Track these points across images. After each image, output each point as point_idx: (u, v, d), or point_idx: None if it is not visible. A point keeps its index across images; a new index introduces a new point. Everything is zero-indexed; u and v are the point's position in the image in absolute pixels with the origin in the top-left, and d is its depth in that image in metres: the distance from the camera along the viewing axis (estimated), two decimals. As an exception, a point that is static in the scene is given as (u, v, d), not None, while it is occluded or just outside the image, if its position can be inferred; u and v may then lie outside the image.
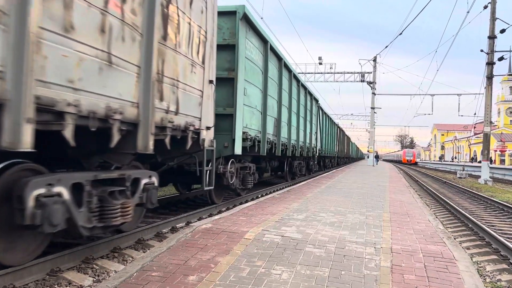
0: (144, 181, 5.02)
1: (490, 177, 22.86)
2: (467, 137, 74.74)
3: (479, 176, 24.29)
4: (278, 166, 14.32)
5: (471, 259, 5.45)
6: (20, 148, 2.93)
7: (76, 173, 4.04)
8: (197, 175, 6.64)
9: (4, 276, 3.60)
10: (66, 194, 3.76)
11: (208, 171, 6.64)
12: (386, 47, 41.78)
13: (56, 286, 3.86)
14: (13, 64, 2.88)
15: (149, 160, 5.98)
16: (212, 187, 7.04)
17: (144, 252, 5.08)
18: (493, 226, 8.52)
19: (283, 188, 13.47)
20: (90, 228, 4.10)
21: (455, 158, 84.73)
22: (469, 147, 74.64)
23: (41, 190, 3.51)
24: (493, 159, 55.00)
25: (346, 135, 44.47)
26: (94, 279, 4.10)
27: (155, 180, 5.27)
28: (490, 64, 22.14)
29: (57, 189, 3.66)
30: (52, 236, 4.02)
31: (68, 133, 3.36)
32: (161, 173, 6.14)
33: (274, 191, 12.27)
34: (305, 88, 16.23)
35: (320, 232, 5.32)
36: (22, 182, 3.45)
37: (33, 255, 3.95)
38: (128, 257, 4.90)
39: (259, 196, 11.23)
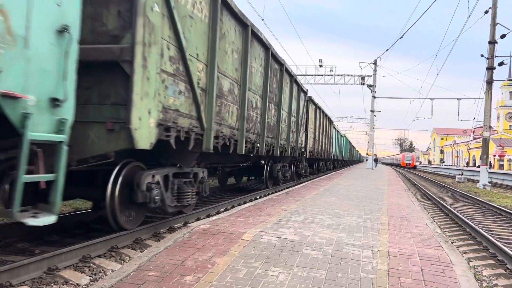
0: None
1: (488, 182, 22.87)
2: (466, 142, 74.85)
3: (477, 181, 24.30)
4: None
5: (468, 264, 5.46)
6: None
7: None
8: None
9: (1, 274, 3.60)
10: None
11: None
12: (387, 50, 42.02)
13: (52, 284, 3.86)
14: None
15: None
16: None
17: (141, 252, 5.08)
18: (490, 230, 8.52)
19: (284, 189, 13.52)
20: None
21: (443, 162, 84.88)
22: (468, 152, 74.73)
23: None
24: (492, 164, 55.10)
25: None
26: (91, 278, 4.09)
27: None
28: (490, 69, 22.17)
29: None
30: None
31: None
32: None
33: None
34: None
35: (317, 234, 5.33)
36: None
37: None
38: (125, 256, 4.90)
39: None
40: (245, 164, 11.96)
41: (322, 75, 35.41)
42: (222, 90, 6.97)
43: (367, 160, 39.96)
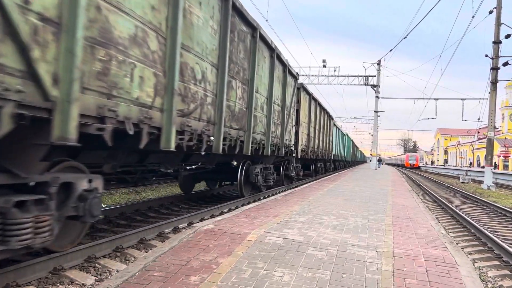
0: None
1: (493, 183, 22.77)
2: (471, 142, 74.51)
3: (482, 181, 24.20)
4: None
5: (473, 265, 5.44)
6: None
7: None
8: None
9: (7, 273, 3.63)
10: None
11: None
12: (391, 50, 41.94)
13: (58, 284, 3.88)
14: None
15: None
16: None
17: (146, 252, 5.10)
18: (495, 231, 8.49)
19: (285, 190, 13.50)
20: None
21: (446, 162, 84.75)
22: (473, 152, 74.40)
23: None
24: (497, 164, 54.86)
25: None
26: (96, 278, 4.12)
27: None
28: (495, 69, 22.09)
29: None
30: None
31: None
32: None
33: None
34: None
35: (322, 235, 5.33)
36: None
37: None
38: (130, 256, 4.92)
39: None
40: (193, 166, 9.67)
41: (325, 76, 35.38)
42: (112, 33, 3.82)
43: (370, 160, 39.86)
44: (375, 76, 34.89)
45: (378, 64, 34.50)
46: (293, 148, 13.14)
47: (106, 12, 3.74)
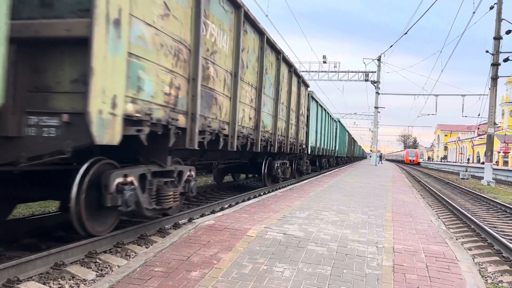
0: None
1: (493, 179, 22.79)
2: (471, 138, 74.52)
3: (482, 177, 24.22)
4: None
5: (473, 260, 5.45)
6: None
7: None
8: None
9: (9, 269, 3.64)
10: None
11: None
12: (391, 46, 41.76)
13: (59, 279, 3.89)
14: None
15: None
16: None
17: (147, 248, 5.11)
18: (495, 227, 8.51)
19: (288, 185, 13.51)
20: None
21: (445, 159, 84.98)
22: (473, 148, 74.41)
23: None
24: (497, 160, 54.86)
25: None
26: (97, 274, 4.12)
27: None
28: (495, 65, 22.06)
29: None
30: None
31: None
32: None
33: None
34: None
35: (322, 230, 5.33)
36: None
37: None
38: (131, 252, 4.92)
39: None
40: None
41: (325, 72, 35.31)
42: None
43: (370, 156, 39.84)
44: (375, 72, 34.83)
45: (379, 60, 34.42)
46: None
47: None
